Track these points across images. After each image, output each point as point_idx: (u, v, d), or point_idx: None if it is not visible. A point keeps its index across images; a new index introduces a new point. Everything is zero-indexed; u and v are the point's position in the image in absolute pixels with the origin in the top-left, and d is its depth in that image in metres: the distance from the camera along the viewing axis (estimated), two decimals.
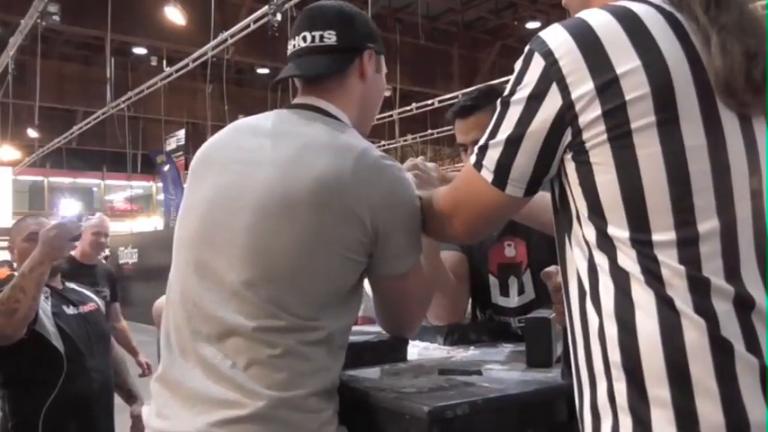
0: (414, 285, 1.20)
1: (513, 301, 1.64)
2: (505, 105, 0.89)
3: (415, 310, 1.27)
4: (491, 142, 0.90)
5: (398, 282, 1.17)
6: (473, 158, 0.93)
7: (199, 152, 1.25)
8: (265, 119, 1.21)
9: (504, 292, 1.66)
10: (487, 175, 0.90)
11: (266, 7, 6.88)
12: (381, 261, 1.12)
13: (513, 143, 0.87)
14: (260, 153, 1.12)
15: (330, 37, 1.19)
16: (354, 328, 1.37)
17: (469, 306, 1.80)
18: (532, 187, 0.90)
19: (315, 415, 1.04)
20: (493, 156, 0.89)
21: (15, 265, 2.51)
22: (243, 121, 1.26)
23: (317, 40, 1.19)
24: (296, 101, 1.22)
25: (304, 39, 1.20)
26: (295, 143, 1.11)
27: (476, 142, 1.60)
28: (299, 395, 1.02)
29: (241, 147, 1.17)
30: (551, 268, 1.19)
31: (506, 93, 0.89)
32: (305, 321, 1.05)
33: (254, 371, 1.02)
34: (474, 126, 1.62)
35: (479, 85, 1.67)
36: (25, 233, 2.36)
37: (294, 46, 1.22)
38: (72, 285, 2.57)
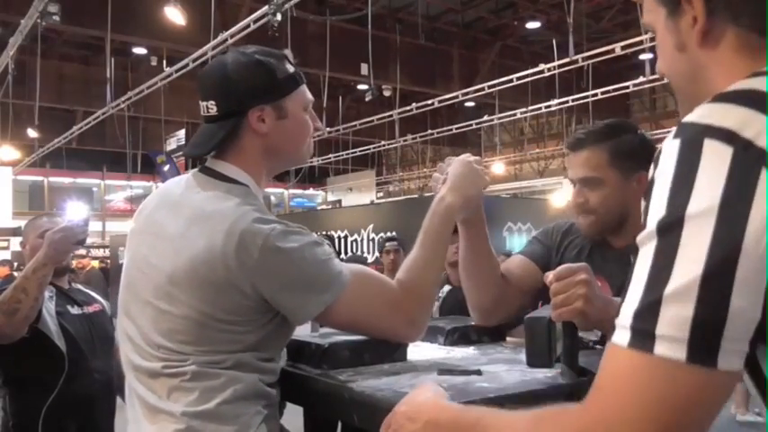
0: (344, 315, 1.21)
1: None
2: (669, 229, 0.56)
3: (375, 326, 1.26)
4: (666, 293, 0.55)
5: (324, 319, 1.23)
6: (625, 336, 0.58)
7: (135, 213, 1.37)
8: (177, 184, 1.32)
9: None
10: (673, 351, 0.55)
11: (266, 7, 6.87)
12: (287, 313, 1.19)
13: (716, 279, 0.54)
14: (163, 226, 1.24)
15: (212, 108, 1.26)
16: None
17: None
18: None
19: (231, 421, 1.14)
20: (677, 314, 0.55)
21: (24, 262, 2.53)
22: (165, 187, 1.38)
23: (204, 110, 1.28)
24: (206, 163, 1.31)
25: (200, 109, 1.29)
26: (186, 216, 1.21)
27: (582, 181, 1.52)
28: (210, 406, 1.14)
29: (153, 217, 1.29)
30: (549, 273, 1.20)
31: (659, 214, 0.58)
32: (211, 357, 1.16)
33: (174, 396, 1.16)
34: (580, 163, 1.52)
35: (590, 126, 1.59)
36: (40, 231, 2.41)
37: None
38: (78, 286, 2.58)
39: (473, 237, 1.51)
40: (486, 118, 13.30)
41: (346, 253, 7.94)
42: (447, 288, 3.34)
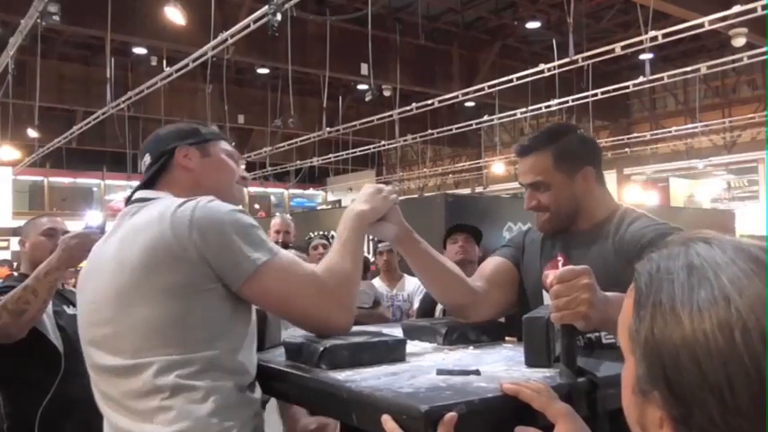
0: (276, 279, 1.28)
1: None
2: None
3: (304, 305, 1.32)
4: None
5: (257, 284, 1.26)
6: None
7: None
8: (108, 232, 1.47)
9: None
10: None
11: (266, 7, 6.87)
12: (229, 273, 1.25)
13: None
14: (103, 256, 1.37)
15: (147, 159, 1.49)
16: (354, 328, 1.38)
17: None
18: None
19: None
20: None
21: (21, 260, 2.54)
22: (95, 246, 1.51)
23: (142, 167, 1.51)
24: (134, 197, 1.46)
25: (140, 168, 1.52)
26: (120, 236, 1.34)
27: (533, 185, 1.63)
28: (194, 422, 1.18)
29: (92, 262, 1.44)
30: (548, 273, 1.20)
31: None
32: (180, 356, 1.21)
33: (159, 418, 1.20)
34: (528, 169, 1.64)
35: (535, 132, 1.68)
36: (41, 229, 2.44)
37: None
38: (71, 287, 2.58)
39: (409, 249, 1.61)
40: (486, 118, 13.28)
41: None
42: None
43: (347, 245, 1.42)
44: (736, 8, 7.51)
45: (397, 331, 1.59)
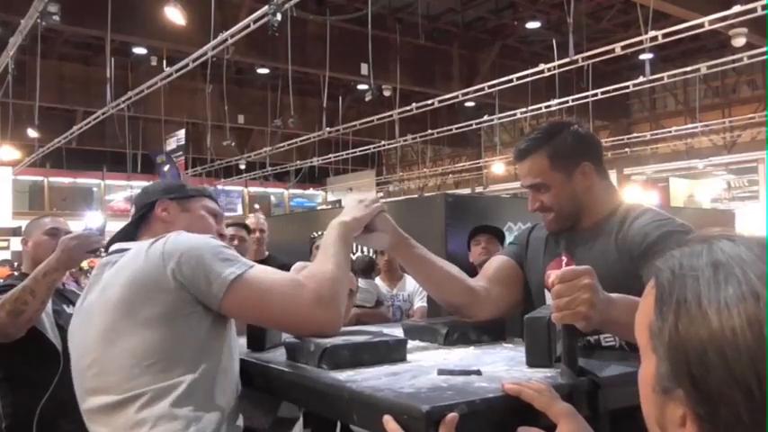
0: (251, 288, 1.30)
1: None
2: None
3: (283, 306, 1.32)
4: None
5: (234, 297, 1.28)
6: None
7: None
8: None
9: None
10: None
11: (266, 7, 6.86)
12: (207, 294, 1.28)
13: None
14: (87, 306, 1.40)
15: (133, 210, 1.58)
16: (353, 328, 1.39)
17: None
18: None
19: None
20: None
21: (24, 259, 2.55)
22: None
23: (130, 216, 1.58)
24: (112, 248, 1.50)
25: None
26: (101, 284, 1.38)
27: (533, 187, 1.65)
28: None
29: (81, 305, 1.45)
30: (551, 272, 1.20)
31: None
32: (163, 384, 1.24)
33: None
34: (526, 172, 1.64)
35: (530, 134, 1.66)
36: (45, 228, 2.46)
37: None
38: (72, 287, 2.58)
39: (405, 254, 1.64)
40: (486, 118, 13.28)
41: None
42: None
43: (327, 251, 1.44)
44: (736, 8, 7.51)
45: (397, 331, 1.59)
